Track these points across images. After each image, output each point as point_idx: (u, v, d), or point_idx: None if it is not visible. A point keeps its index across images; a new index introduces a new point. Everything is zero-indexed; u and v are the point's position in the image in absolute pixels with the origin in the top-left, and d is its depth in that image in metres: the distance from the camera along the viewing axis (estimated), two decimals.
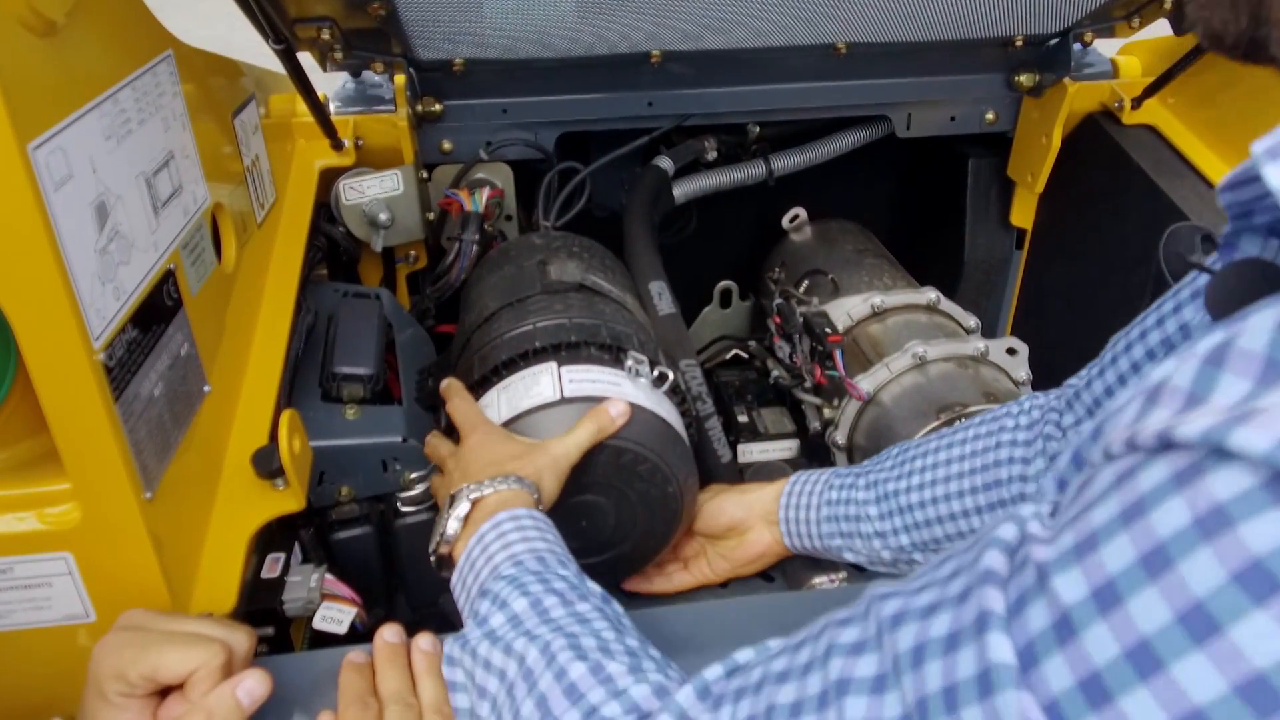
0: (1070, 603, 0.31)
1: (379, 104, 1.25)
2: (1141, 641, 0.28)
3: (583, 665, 0.56)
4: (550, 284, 1.06)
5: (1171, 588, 0.28)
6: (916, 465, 0.88)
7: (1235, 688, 0.26)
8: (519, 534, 0.69)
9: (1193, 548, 0.27)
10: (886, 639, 0.39)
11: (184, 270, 0.76)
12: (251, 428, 0.84)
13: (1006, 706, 0.32)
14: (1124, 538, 0.30)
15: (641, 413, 0.90)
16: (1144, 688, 0.28)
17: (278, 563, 0.85)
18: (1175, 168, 1.25)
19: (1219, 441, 0.27)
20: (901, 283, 1.47)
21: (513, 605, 0.62)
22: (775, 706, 0.43)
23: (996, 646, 0.33)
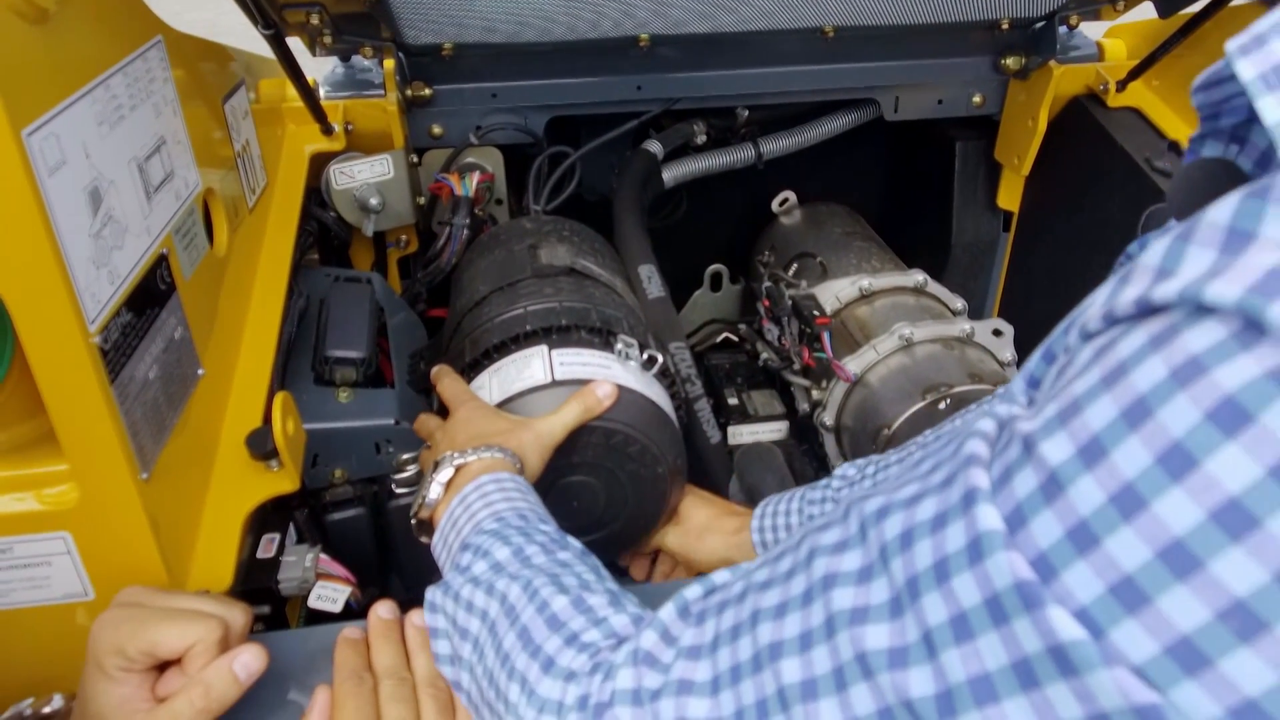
0: (1056, 463, 0.32)
1: (368, 89, 1.25)
2: (1125, 485, 0.30)
3: (564, 598, 0.57)
4: (541, 268, 1.07)
5: (1151, 434, 0.29)
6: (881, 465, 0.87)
7: (1211, 514, 0.28)
8: (501, 494, 0.70)
9: (1170, 395, 0.29)
10: (872, 532, 0.40)
11: (177, 255, 0.77)
12: (245, 410, 0.85)
13: (997, 568, 0.33)
14: (1106, 398, 0.31)
15: (631, 395, 0.91)
16: (1128, 527, 0.30)
17: (273, 543, 0.86)
18: (1158, 149, 1.26)
19: (1194, 296, 0.29)
20: (889, 265, 1.48)
21: (495, 554, 0.63)
22: (760, 610, 0.44)
23: (984, 516, 0.34)
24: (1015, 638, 0.33)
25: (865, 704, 0.38)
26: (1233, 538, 0.28)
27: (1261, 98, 0.34)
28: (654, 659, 0.49)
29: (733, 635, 0.45)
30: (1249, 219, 0.30)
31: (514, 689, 0.54)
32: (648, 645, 0.50)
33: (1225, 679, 0.28)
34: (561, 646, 0.54)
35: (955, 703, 0.35)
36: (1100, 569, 0.30)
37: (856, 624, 0.38)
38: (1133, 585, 0.30)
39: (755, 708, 0.42)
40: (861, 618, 0.38)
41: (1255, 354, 0.28)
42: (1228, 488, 0.28)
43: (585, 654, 0.53)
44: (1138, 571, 0.30)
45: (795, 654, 0.41)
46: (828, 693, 0.39)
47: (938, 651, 0.35)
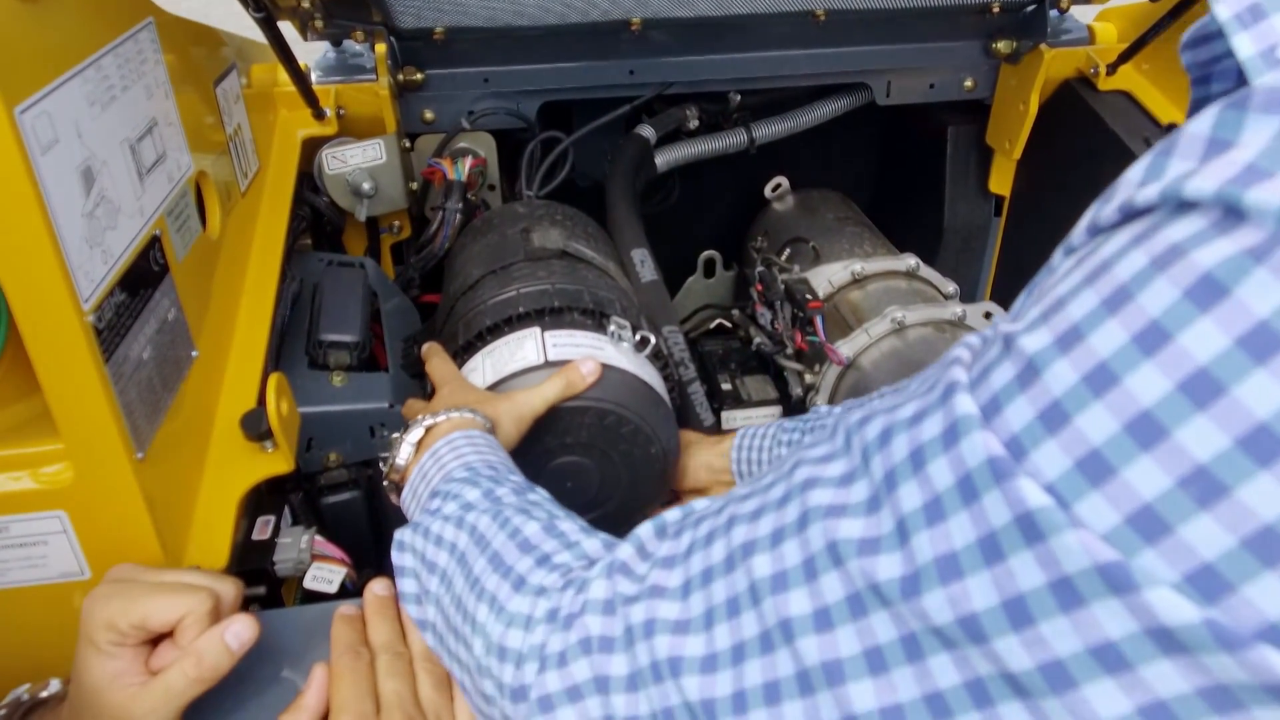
0: (1033, 351, 0.33)
1: (360, 73, 1.25)
2: (1099, 364, 0.30)
3: (536, 524, 0.57)
4: (533, 251, 1.08)
5: (1129, 315, 0.30)
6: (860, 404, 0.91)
7: (1179, 385, 0.28)
8: (471, 447, 0.70)
9: (1149, 279, 0.30)
10: (855, 438, 0.40)
11: (169, 236, 0.77)
12: (240, 392, 0.85)
13: (970, 447, 0.34)
14: (1088, 292, 0.32)
15: (624, 375, 0.92)
16: (1098, 402, 0.30)
17: (268, 525, 0.86)
18: (1149, 132, 1.26)
19: (1175, 193, 0.30)
20: (882, 250, 1.48)
21: (465, 495, 0.63)
22: (736, 517, 0.44)
23: (961, 404, 0.35)
24: (984, 512, 0.33)
25: (835, 591, 0.38)
26: (1198, 405, 0.28)
27: (1235, 35, 0.35)
28: (628, 569, 0.49)
29: (707, 541, 0.45)
30: (1227, 128, 0.30)
31: (483, 609, 0.54)
32: (623, 557, 0.50)
33: (1184, 544, 0.29)
34: (533, 566, 0.54)
35: (921, 582, 0.35)
36: (1068, 445, 0.31)
37: (831, 517, 0.39)
38: (1099, 458, 0.30)
39: (725, 605, 0.43)
40: (837, 513, 0.39)
41: (1233, 236, 0.28)
42: (1197, 358, 0.28)
43: (557, 573, 0.53)
44: (1105, 444, 0.30)
45: (767, 550, 0.41)
46: (798, 583, 0.39)
47: (909, 536, 0.35)
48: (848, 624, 0.38)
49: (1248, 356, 0.27)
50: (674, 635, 0.44)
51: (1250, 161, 0.29)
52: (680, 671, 0.43)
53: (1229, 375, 0.28)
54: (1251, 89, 0.31)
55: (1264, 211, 0.28)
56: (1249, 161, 0.29)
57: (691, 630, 0.44)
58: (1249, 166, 0.29)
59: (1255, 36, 0.34)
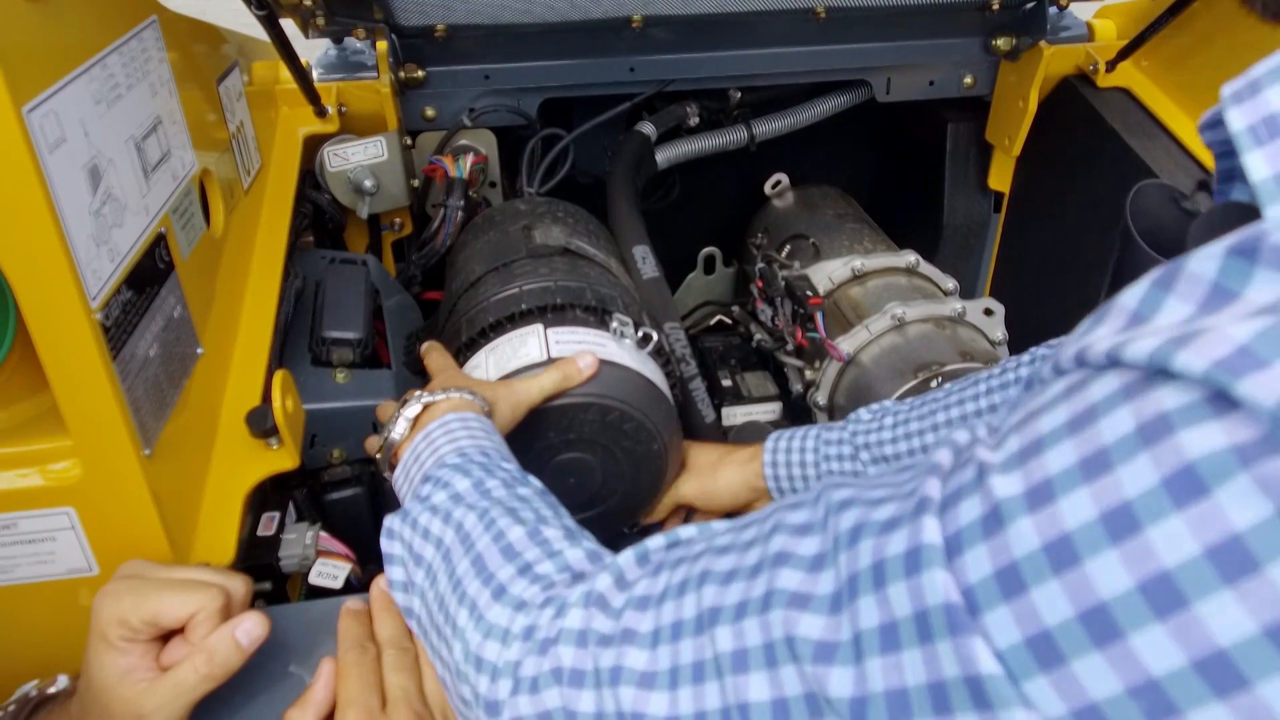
0: (1001, 497, 0.31)
1: (361, 71, 1.26)
2: (1062, 536, 0.29)
3: (521, 529, 0.57)
4: (535, 248, 1.08)
5: (1104, 489, 0.28)
6: (929, 440, 0.88)
7: (1140, 585, 0.27)
8: (465, 431, 0.70)
9: (1133, 453, 0.28)
10: (831, 521, 0.39)
11: (175, 234, 0.77)
12: (244, 389, 0.85)
13: (931, 584, 0.32)
14: (1069, 444, 0.30)
15: (626, 372, 0.92)
16: (1056, 580, 0.29)
17: (273, 521, 0.87)
18: (1148, 129, 1.27)
19: (1162, 363, 0.28)
20: (881, 247, 1.49)
21: (455, 485, 0.63)
22: (709, 573, 0.44)
23: (928, 528, 0.33)
24: (937, 659, 0.32)
25: (793, 686, 0.38)
26: (1157, 614, 0.27)
27: (1249, 152, 0.33)
28: (605, 603, 0.49)
29: (679, 591, 0.45)
30: (1234, 277, 0.28)
31: (463, 613, 0.55)
32: (601, 588, 0.50)
33: None
34: (514, 576, 0.55)
35: (869, 711, 0.34)
36: (1021, 618, 0.30)
37: (794, 607, 0.38)
38: (1051, 641, 0.29)
39: (691, 669, 0.42)
40: (801, 603, 0.38)
41: (1226, 424, 0.26)
42: (1163, 560, 0.27)
43: (537, 585, 0.54)
44: (1058, 628, 0.29)
45: (730, 622, 0.41)
46: (758, 667, 0.39)
47: (864, 656, 0.35)
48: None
49: (1216, 572, 0.26)
50: (639, 689, 0.44)
51: (1245, 344, 0.26)
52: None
53: (1193, 588, 0.26)
54: (1263, 233, 0.28)
55: (1258, 406, 0.26)
56: (1244, 343, 0.26)
57: (656, 686, 0.44)
58: (1243, 349, 0.26)
59: (1270, 156, 0.32)
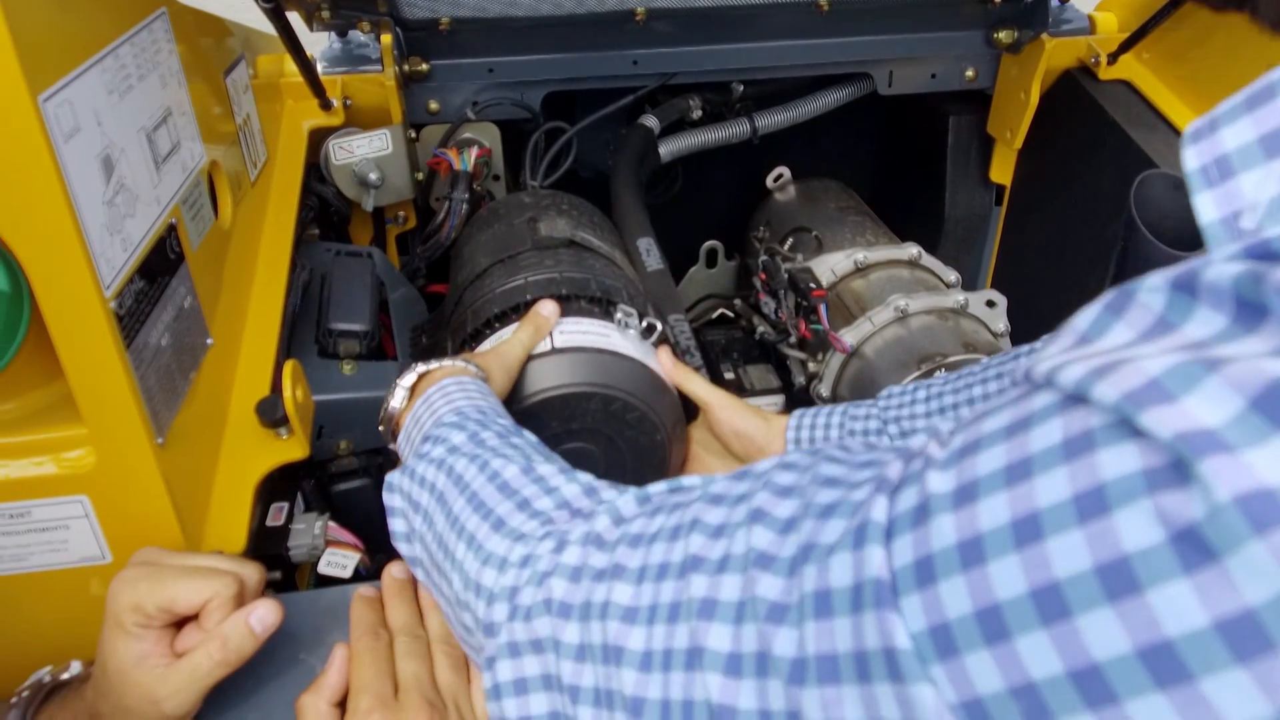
0: (932, 491, 0.33)
1: (366, 64, 1.26)
2: (976, 537, 0.30)
3: (514, 467, 0.58)
4: (540, 240, 1.08)
5: (1021, 496, 0.29)
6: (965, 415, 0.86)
7: (1032, 592, 0.28)
8: (462, 392, 0.71)
9: (1053, 465, 0.29)
10: (811, 489, 0.41)
11: (185, 225, 0.77)
12: (253, 380, 0.86)
13: (870, 558, 0.34)
14: (1001, 447, 0.31)
15: (630, 362, 0.92)
16: (961, 577, 0.30)
17: (282, 511, 0.87)
18: (1149, 121, 1.27)
19: (1085, 391, 0.29)
20: (884, 239, 1.49)
21: (452, 439, 0.64)
22: (699, 522, 0.45)
23: (876, 508, 0.35)
24: (862, 628, 0.34)
25: (750, 643, 0.39)
26: (1043, 621, 0.28)
27: (1199, 194, 0.33)
28: (602, 540, 0.50)
29: (671, 535, 0.46)
30: (1177, 311, 0.29)
31: (461, 546, 0.56)
32: (599, 528, 0.51)
33: None
34: (513, 510, 0.56)
35: (805, 674, 0.36)
36: (928, 607, 0.31)
37: (758, 567, 0.40)
38: (949, 634, 0.31)
39: (668, 608, 0.44)
40: (765, 563, 0.40)
41: (1139, 447, 0.27)
42: (1055, 571, 0.28)
43: (536, 520, 0.55)
44: (956, 621, 0.30)
45: (709, 573, 0.42)
46: (724, 620, 0.40)
47: (804, 619, 0.36)
48: (751, 679, 0.39)
49: (1101, 588, 0.27)
50: (621, 623, 0.46)
51: (1156, 377, 0.27)
52: (621, 661, 0.45)
53: (1078, 602, 0.27)
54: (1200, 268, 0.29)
55: (1157, 437, 0.26)
56: (1155, 377, 0.27)
57: (637, 622, 0.45)
58: (1153, 383, 0.27)
59: (1219, 199, 0.33)
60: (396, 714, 0.61)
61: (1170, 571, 0.25)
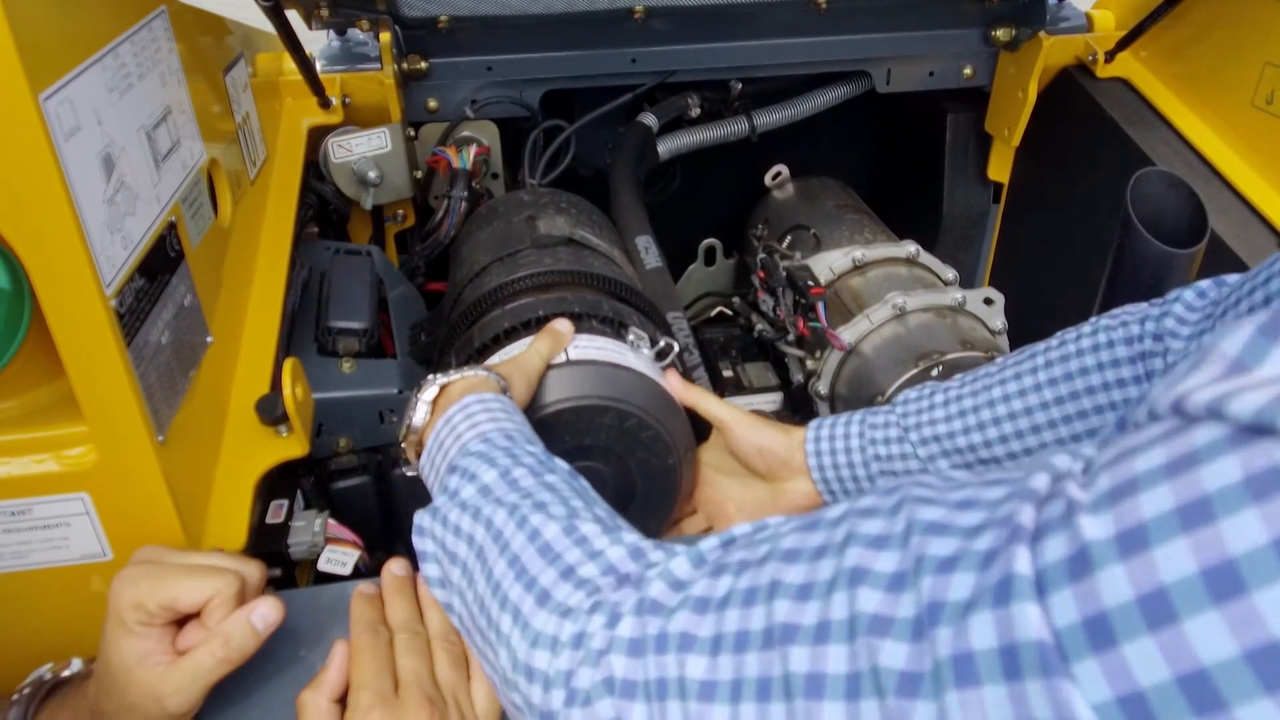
0: (1089, 539, 0.29)
1: (365, 62, 1.26)
2: (1159, 590, 0.27)
3: (556, 526, 0.55)
4: (539, 238, 1.09)
5: (1205, 542, 0.26)
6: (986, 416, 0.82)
7: (1246, 654, 0.25)
8: (486, 413, 0.68)
9: (1239, 506, 0.26)
10: (915, 540, 0.37)
11: (184, 223, 0.78)
12: (253, 378, 0.86)
13: (1023, 617, 0.30)
14: (1166, 487, 0.28)
15: (645, 380, 0.90)
16: (1151, 638, 0.27)
17: (281, 509, 0.87)
18: (1146, 119, 1.27)
19: (1270, 422, 0.26)
20: (882, 237, 1.49)
21: (482, 477, 0.61)
22: (780, 584, 0.41)
23: (1019, 558, 0.32)
24: (1025, 699, 0.30)
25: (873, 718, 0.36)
26: (1266, 688, 0.25)
27: None
28: (659, 606, 0.47)
29: (746, 599, 0.43)
30: None
31: (506, 619, 0.53)
32: (654, 594, 0.48)
33: None
34: (557, 580, 0.53)
35: None
36: (1113, 676, 0.28)
37: (876, 634, 0.36)
38: (1146, 707, 0.27)
39: (756, 683, 0.40)
40: (883, 629, 0.36)
41: None
42: (1273, 629, 0.25)
43: (582, 591, 0.52)
44: (1153, 691, 0.27)
45: (809, 644, 0.38)
46: (836, 695, 0.37)
47: (943, 690, 0.33)
48: None
49: None
50: (699, 701, 0.42)
51: None
52: None
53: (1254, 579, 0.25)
54: None
55: None
56: None
57: (717, 699, 0.42)
58: None
59: None
60: (396, 710, 0.62)
61: None
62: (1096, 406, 0.76)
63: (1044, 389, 0.79)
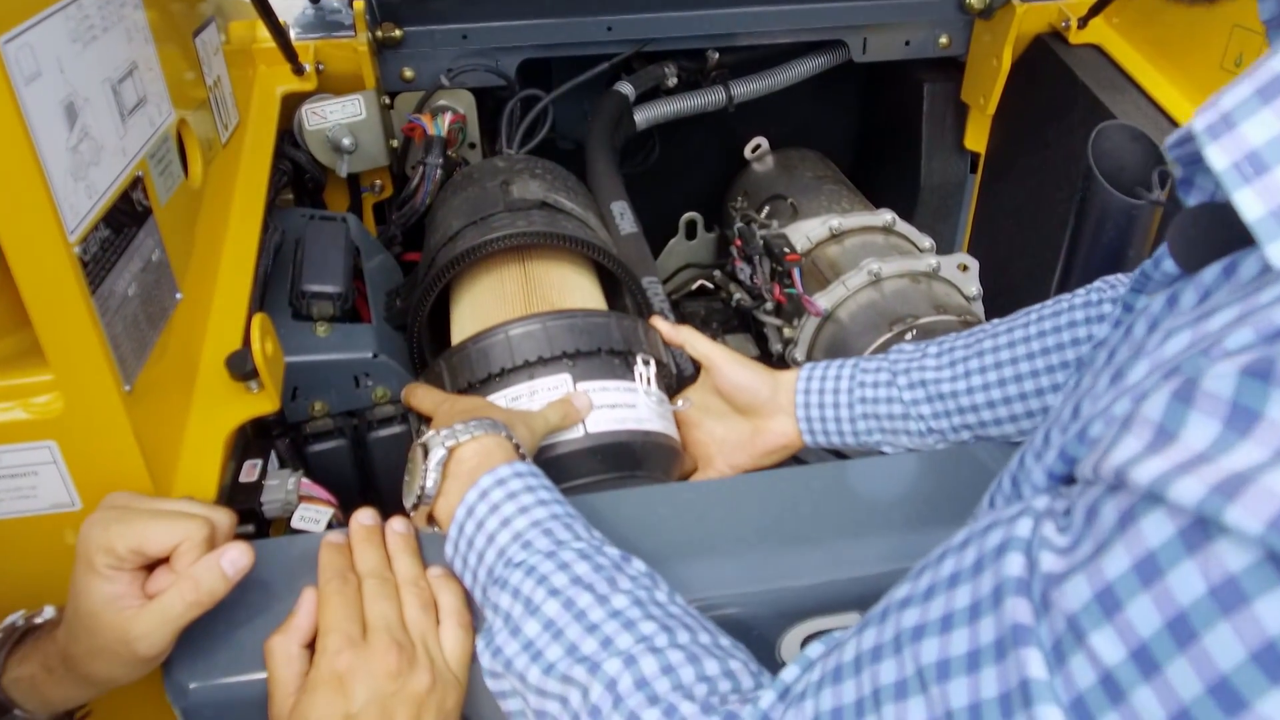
0: (1112, 664, 0.31)
1: (339, 30, 1.26)
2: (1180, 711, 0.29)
3: (655, 711, 0.52)
4: (513, 202, 1.09)
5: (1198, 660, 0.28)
6: (974, 365, 0.84)
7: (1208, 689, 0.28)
8: (512, 503, 0.64)
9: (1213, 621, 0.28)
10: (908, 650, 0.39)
11: (152, 179, 0.78)
12: (224, 336, 0.86)
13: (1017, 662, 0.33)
14: (1146, 599, 0.30)
15: (658, 442, 0.89)
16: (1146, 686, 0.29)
17: (255, 468, 0.87)
18: (1118, 83, 1.28)
19: (1214, 515, 0.28)
20: (859, 207, 1.50)
21: (544, 609, 0.58)
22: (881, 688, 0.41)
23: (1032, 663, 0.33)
24: None
25: None
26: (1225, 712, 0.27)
27: (1238, 190, 0.32)
28: None
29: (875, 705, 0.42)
30: (1253, 398, 0.28)
31: None
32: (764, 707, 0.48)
33: None
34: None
35: None
36: None
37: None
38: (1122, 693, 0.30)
39: None
40: None
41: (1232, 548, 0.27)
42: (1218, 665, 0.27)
43: None
44: None
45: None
46: None
47: None
48: None
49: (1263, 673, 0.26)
50: None
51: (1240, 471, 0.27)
52: None
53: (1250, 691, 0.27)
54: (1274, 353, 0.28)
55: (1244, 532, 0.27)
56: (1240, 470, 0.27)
57: None
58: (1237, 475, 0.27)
59: (1261, 194, 0.31)
60: (364, 654, 0.62)
61: None
62: (1076, 357, 0.78)
63: (1032, 340, 0.81)
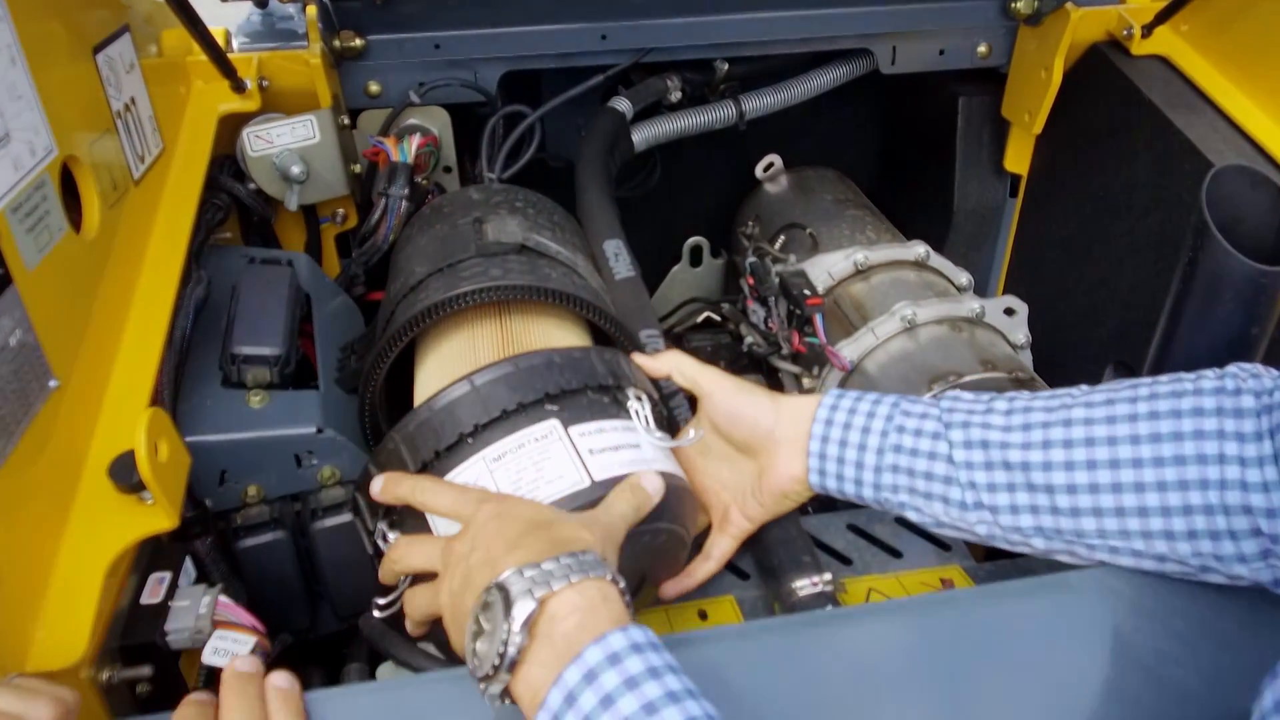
0: None
1: (292, 40, 1.11)
2: None
3: None
4: (486, 246, 0.92)
5: None
6: (1057, 435, 0.66)
7: None
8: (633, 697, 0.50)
9: None
10: None
11: (13, 239, 0.61)
12: (121, 428, 0.70)
13: None
14: None
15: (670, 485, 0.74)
16: None
17: (162, 584, 0.72)
18: (1189, 102, 1.15)
19: None
20: (886, 236, 1.37)
21: None
22: None
23: None
24: None
25: None
26: None
27: None
28: None
29: None
30: None
31: None
32: None
33: None
34: None
35: None
36: None
37: None
38: None
39: None
40: None
41: None
42: None
43: None
44: None
45: None
46: None
47: None
48: None
49: None
50: None
51: None
52: None
53: None
54: None
55: None
56: None
57: None
58: None
59: None
60: None
61: None
62: (1200, 455, 0.59)
63: (1140, 422, 0.62)
